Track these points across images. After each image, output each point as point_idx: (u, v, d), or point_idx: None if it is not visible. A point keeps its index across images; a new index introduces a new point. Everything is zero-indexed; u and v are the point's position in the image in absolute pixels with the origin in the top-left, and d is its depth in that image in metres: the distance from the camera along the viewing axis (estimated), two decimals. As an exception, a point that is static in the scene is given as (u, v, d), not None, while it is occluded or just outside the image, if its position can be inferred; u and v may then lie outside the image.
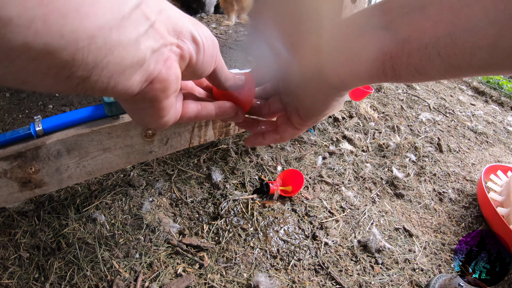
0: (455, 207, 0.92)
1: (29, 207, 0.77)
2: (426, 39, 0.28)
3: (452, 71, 0.29)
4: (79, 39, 0.19)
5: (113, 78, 0.23)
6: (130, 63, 0.23)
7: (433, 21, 0.27)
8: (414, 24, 0.29)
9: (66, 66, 0.19)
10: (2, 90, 1.20)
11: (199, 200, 0.83)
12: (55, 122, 0.53)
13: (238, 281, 0.67)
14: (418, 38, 0.28)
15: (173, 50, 0.28)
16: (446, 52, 0.28)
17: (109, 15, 0.20)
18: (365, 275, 0.71)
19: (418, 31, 0.28)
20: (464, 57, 0.27)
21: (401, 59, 0.30)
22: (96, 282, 0.64)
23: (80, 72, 0.20)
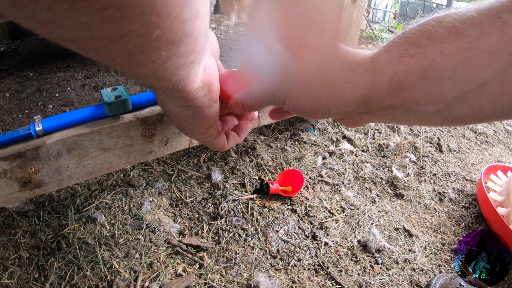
0: (455, 207, 0.92)
1: (29, 207, 0.77)
2: (482, 115, 0.27)
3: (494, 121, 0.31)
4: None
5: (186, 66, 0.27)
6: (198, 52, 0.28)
7: (493, 100, 0.26)
8: (471, 104, 0.27)
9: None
10: (2, 90, 1.20)
11: (199, 200, 0.83)
12: (55, 122, 0.53)
13: (238, 281, 0.67)
14: (473, 116, 0.27)
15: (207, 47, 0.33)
16: (499, 117, 0.27)
17: (207, 29, 0.27)
18: (365, 275, 0.71)
19: (474, 110, 0.27)
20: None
21: (449, 126, 0.31)
22: (96, 282, 0.64)
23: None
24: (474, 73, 0.25)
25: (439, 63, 0.25)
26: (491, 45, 0.24)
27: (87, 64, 1.38)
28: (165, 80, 0.26)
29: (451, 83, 0.26)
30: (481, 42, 0.24)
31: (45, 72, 1.32)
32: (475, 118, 0.27)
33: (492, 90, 0.25)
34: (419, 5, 2.93)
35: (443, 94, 0.26)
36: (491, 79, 0.24)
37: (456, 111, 0.27)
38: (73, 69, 1.35)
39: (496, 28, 0.23)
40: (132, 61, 0.22)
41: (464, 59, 0.24)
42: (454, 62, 0.25)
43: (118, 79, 1.29)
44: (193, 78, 0.30)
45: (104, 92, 0.56)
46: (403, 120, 0.31)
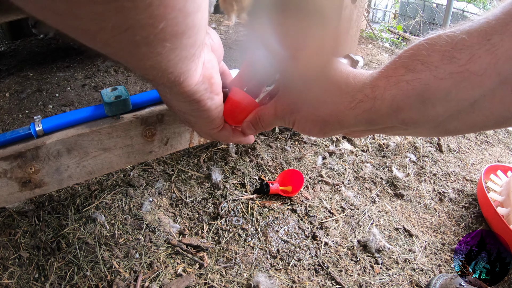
0: (455, 207, 0.92)
1: (29, 207, 0.77)
2: (475, 129, 0.30)
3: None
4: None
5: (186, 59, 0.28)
6: (198, 45, 0.28)
7: (483, 116, 0.28)
8: (464, 120, 0.30)
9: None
10: (2, 90, 1.20)
11: (199, 200, 0.83)
12: (55, 122, 0.53)
13: (238, 281, 0.67)
14: (467, 129, 0.31)
15: (206, 42, 0.35)
16: (491, 128, 0.31)
17: (204, 23, 0.27)
18: (365, 275, 0.71)
19: (468, 126, 0.30)
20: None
21: (447, 136, 0.33)
22: (96, 282, 0.64)
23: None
24: (465, 94, 0.26)
25: (433, 87, 0.27)
26: (481, 67, 0.25)
27: (87, 64, 1.38)
28: (168, 72, 0.27)
29: (445, 103, 0.28)
30: (472, 65, 0.26)
31: (45, 72, 1.32)
32: (469, 130, 0.30)
33: (483, 107, 0.27)
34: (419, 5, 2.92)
35: (438, 113, 0.28)
36: (482, 98, 0.26)
37: (451, 126, 0.30)
38: (73, 69, 1.35)
39: (486, 51, 0.25)
40: (138, 52, 0.23)
41: (456, 81, 0.26)
42: (447, 85, 0.27)
43: (118, 79, 1.29)
44: (193, 71, 0.31)
45: (104, 92, 0.56)
46: (404, 134, 0.36)
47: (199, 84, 0.33)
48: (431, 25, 2.73)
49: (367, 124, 0.33)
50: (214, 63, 0.36)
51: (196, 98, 0.34)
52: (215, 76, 0.35)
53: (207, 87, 0.34)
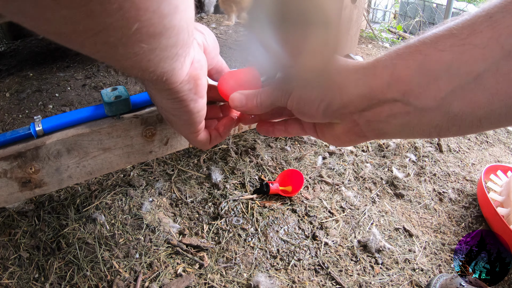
0: (455, 207, 0.92)
1: (29, 207, 0.77)
2: (480, 113, 0.27)
3: (496, 128, 0.30)
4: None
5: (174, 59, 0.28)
6: (182, 46, 0.28)
7: (489, 94, 0.26)
8: (468, 98, 0.27)
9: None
10: (2, 90, 1.20)
11: (199, 200, 0.83)
12: (55, 122, 0.53)
13: (238, 281, 0.67)
14: (472, 113, 0.27)
15: (196, 40, 0.35)
16: (499, 121, 0.27)
17: (190, 23, 0.28)
18: (365, 275, 0.71)
19: (472, 105, 0.27)
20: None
21: (450, 130, 0.29)
22: (96, 282, 0.64)
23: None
24: (468, 67, 0.26)
25: (434, 58, 0.27)
26: (483, 41, 0.25)
27: (87, 64, 1.38)
28: (149, 72, 0.27)
29: (447, 76, 0.27)
30: (473, 38, 0.25)
31: (45, 72, 1.32)
32: (473, 115, 0.27)
33: (487, 83, 0.26)
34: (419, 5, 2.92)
35: (440, 87, 0.27)
36: (485, 72, 0.25)
37: (454, 106, 0.28)
38: (73, 69, 1.35)
39: (487, 26, 0.25)
40: (115, 53, 0.24)
41: (458, 54, 0.26)
42: (448, 57, 0.26)
43: (118, 79, 1.29)
44: (177, 70, 0.30)
45: (104, 92, 0.56)
46: (404, 123, 0.32)
47: (184, 83, 0.33)
48: (431, 25, 2.73)
49: (367, 96, 0.31)
50: (203, 63, 0.35)
51: (179, 97, 0.34)
52: (202, 78, 0.35)
53: (192, 87, 0.34)
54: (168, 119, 0.41)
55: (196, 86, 0.34)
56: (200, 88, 0.35)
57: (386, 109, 0.31)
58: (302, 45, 0.32)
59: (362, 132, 0.35)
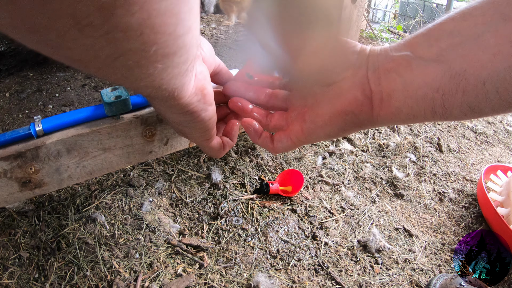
0: (455, 207, 0.92)
1: (29, 207, 0.77)
2: (484, 74, 0.26)
3: (507, 108, 0.27)
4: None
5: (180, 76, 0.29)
6: (191, 61, 0.29)
7: (490, 54, 0.26)
8: (470, 56, 0.27)
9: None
10: (2, 90, 1.20)
11: (199, 200, 0.83)
12: (55, 122, 0.53)
13: (238, 281, 0.67)
14: (475, 73, 0.26)
15: (198, 55, 0.36)
16: (505, 88, 0.26)
17: (198, 38, 0.29)
18: (365, 275, 0.71)
19: (475, 64, 0.26)
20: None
21: (454, 97, 0.27)
22: (96, 282, 0.64)
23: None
24: (468, 30, 0.28)
25: (436, 28, 0.30)
26: (482, 10, 0.27)
27: (87, 64, 1.38)
28: (162, 89, 0.28)
29: (448, 38, 0.29)
30: (473, 9, 0.28)
31: (45, 72, 1.32)
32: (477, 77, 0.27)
33: (488, 43, 0.26)
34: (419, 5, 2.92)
35: (441, 47, 0.29)
36: (485, 33, 0.27)
37: (456, 64, 0.28)
38: (73, 69, 1.35)
39: (487, 1, 0.27)
40: (131, 75, 0.24)
41: (460, 21, 0.29)
42: (450, 24, 0.29)
43: (118, 79, 1.29)
44: (187, 85, 0.31)
45: (104, 92, 0.56)
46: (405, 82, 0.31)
47: (192, 96, 0.33)
48: (431, 25, 2.73)
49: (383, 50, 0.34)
50: (206, 74, 0.36)
51: (190, 109, 0.35)
52: (208, 87, 0.36)
53: (200, 98, 0.35)
54: (181, 132, 0.42)
55: (203, 96, 0.35)
56: (208, 97, 0.36)
57: (395, 66, 0.33)
58: (302, 46, 0.32)
59: (369, 90, 0.34)
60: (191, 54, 0.28)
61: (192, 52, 0.28)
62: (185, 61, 0.27)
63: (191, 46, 0.26)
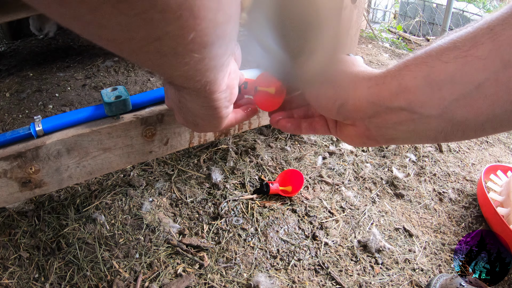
0: (455, 207, 0.92)
1: (29, 207, 0.77)
2: (483, 119, 0.29)
3: (499, 132, 0.31)
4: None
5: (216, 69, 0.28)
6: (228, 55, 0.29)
7: (490, 101, 0.28)
8: (471, 106, 0.28)
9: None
10: (2, 90, 1.20)
11: (199, 200, 0.83)
12: (55, 122, 0.53)
13: (238, 281, 0.67)
14: (475, 119, 0.29)
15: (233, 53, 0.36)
16: (501, 125, 0.29)
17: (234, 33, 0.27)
18: (365, 275, 0.71)
19: (475, 112, 0.29)
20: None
21: (455, 135, 0.31)
22: (96, 282, 0.64)
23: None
24: (470, 77, 0.28)
25: (438, 69, 0.29)
26: (484, 52, 0.27)
27: (87, 64, 1.38)
28: (194, 81, 0.27)
29: (450, 86, 0.29)
30: (475, 50, 0.27)
31: (45, 72, 1.33)
32: (476, 121, 0.29)
33: (488, 91, 0.27)
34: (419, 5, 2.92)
35: (443, 96, 0.29)
36: (486, 81, 0.27)
37: (458, 114, 0.29)
38: (73, 69, 1.36)
39: (488, 39, 0.27)
40: (166, 62, 0.23)
41: (461, 65, 0.28)
42: (452, 68, 0.28)
43: (118, 79, 1.29)
44: (220, 80, 0.31)
45: (104, 92, 0.56)
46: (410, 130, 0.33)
47: (222, 93, 0.33)
48: (431, 25, 2.73)
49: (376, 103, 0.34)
50: (238, 73, 0.37)
51: (215, 105, 0.34)
52: (236, 86, 0.36)
53: (228, 95, 0.35)
54: (194, 122, 0.40)
55: (231, 94, 0.35)
56: (233, 96, 0.36)
57: (393, 117, 0.33)
58: (301, 46, 0.32)
59: (372, 136, 0.37)
60: (229, 48, 0.27)
61: (231, 45, 0.27)
62: (223, 54, 0.26)
63: (230, 39, 0.25)
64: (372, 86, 0.34)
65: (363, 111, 0.35)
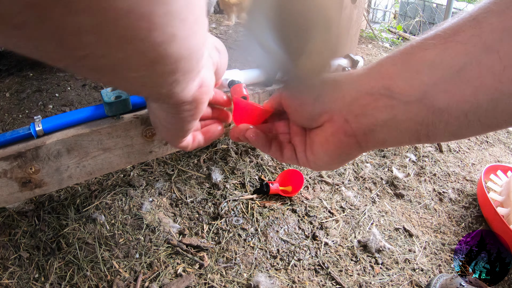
0: (455, 207, 0.92)
1: (29, 207, 0.77)
2: (466, 107, 0.27)
3: (487, 131, 0.29)
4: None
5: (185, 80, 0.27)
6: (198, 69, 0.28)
7: (473, 87, 0.26)
8: (452, 91, 0.27)
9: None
10: (2, 90, 1.20)
11: (199, 200, 0.83)
12: (55, 122, 0.53)
13: (238, 281, 0.67)
14: (457, 107, 0.27)
15: (210, 60, 0.34)
16: (486, 117, 0.27)
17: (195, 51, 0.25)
18: (365, 275, 0.71)
19: (457, 99, 0.27)
20: (505, 118, 0.26)
21: (437, 127, 0.29)
22: (96, 282, 0.64)
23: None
24: (450, 61, 0.27)
25: (418, 55, 0.29)
26: (465, 38, 0.26)
27: (87, 64, 1.38)
28: (155, 93, 0.27)
29: (429, 70, 0.28)
30: (456, 36, 0.27)
31: (45, 72, 1.32)
32: (459, 110, 0.27)
33: (470, 76, 0.26)
34: (419, 5, 2.92)
35: (423, 80, 0.28)
36: (467, 66, 0.26)
37: (439, 99, 0.28)
38: (73, 69, 1.35)
39: (470, 26, 0.26)
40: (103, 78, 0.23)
41: (441, 50, 0.27)
42: (432, 53, 0.28)
43: (118, 79, 1.29)
44: (177, 94, 0.29)
45: (104, 92, 0.56)
46: (391, 118, 0.32)
47: (185, 105, 0.32)
48: (431, 25, 2.73)
49: (355, 90, 0.34)
50: (211, 87, 0.34)
51: (178, 116, 0.33)
52: (205, 102, 0.34)
53: (192, 109, 0.33)
54: (155, 124, 0.39)
55: (196, 109, 0.33)
56: (199, 111, 0.34)
57: (372, 103, 0.32)
58: (301, 46, 0.32)
59: (351, 130, 0.35)
60: (181, 66, 0.25)
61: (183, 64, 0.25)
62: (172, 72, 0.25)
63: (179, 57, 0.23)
64: (354, 78, 0.34)
65: (342, 100, 0.34)
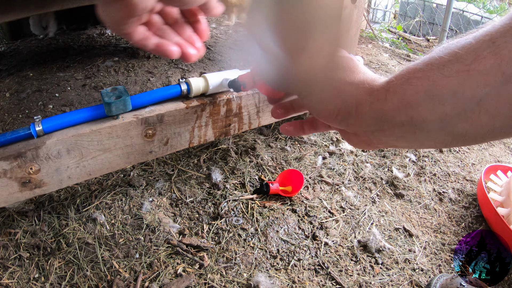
0: (455, 207, 0.92)
1: (29, 207, 0.77)
2: (483, 131, 0.29)
3: (500, 139, 0.32)
4: None
5: None
6: None
7: (490, 116, 0.28)
8: (471, 120, 0.29)
9: None
10: (2, 90, 1.20)
11: (199, 200, 0.83)
12: (55, 122, 0.53)
13: (238, 281, 0.67)
14: (475, 132, 0.30)
15: None
16: (501, 135, 0.30)
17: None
18: (365, 275, 0.71)
19: (475, 126, 0.29)
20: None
21: (456, 144, 0.32)
22: (96, 282, 0.64)
23: None
24: (472, 92, 0.28)
25: (440, 84, 0.29)
26: (486, 67, 0.27)
27: (87, 64, 1.38)
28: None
29: (452, 101, 0.29)
30: (477, 64, 0.27)
31: (45, 72, 1.32)
32: (477, 133, 0.30)
33: (489, 106, 0.28)
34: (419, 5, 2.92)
35: (445, 112, 0.29)
36: (487, 96, 0.27)
37: (459, 127, 0.30)
38: (73, 69, 1.35)
39: (490, 52, 0.26)
40: None
41: (463, 79, 0.28)
42: (454, 83, 0.28)
43: (118, 79, 1.29)
44: None
45: (104, 92, 0.56)
46: (411, 140, 0.34)
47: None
48: (431, 25, 2.73)
49: (379, 119, 0.34)
50: None
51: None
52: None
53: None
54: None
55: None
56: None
57: (396, 131, 0.34)
58: (301, 46, 0.32)
59: (373, 144, 0.38)
60: None
61: None
62: None
63: None
64: (374, 102, 0.34)
65: (366, 126, 0.35)
